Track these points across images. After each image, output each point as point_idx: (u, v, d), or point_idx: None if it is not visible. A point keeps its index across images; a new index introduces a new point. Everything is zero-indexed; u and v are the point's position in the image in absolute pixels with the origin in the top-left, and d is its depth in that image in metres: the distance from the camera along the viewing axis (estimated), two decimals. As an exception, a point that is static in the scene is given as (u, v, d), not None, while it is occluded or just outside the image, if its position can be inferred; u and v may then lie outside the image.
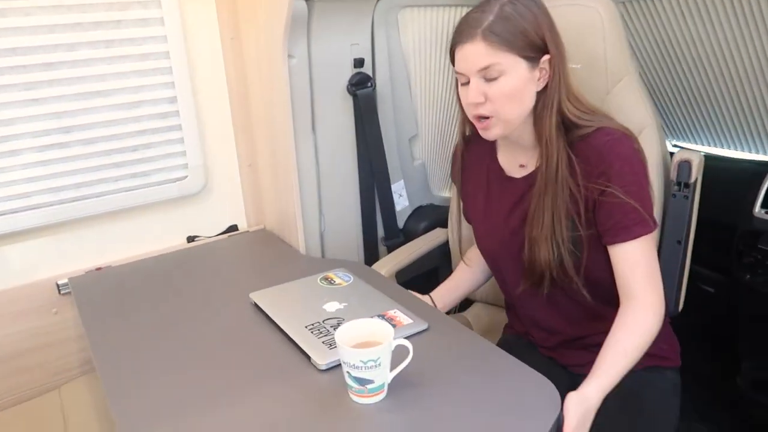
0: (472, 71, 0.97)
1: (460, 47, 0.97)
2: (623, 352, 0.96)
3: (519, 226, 1.10)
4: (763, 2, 1.30)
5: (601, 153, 0.98)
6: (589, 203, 1.01)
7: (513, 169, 1.12)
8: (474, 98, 0.97)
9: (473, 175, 1.20)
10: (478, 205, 1.19)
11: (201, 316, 1.19)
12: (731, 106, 1.61)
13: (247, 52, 1.48)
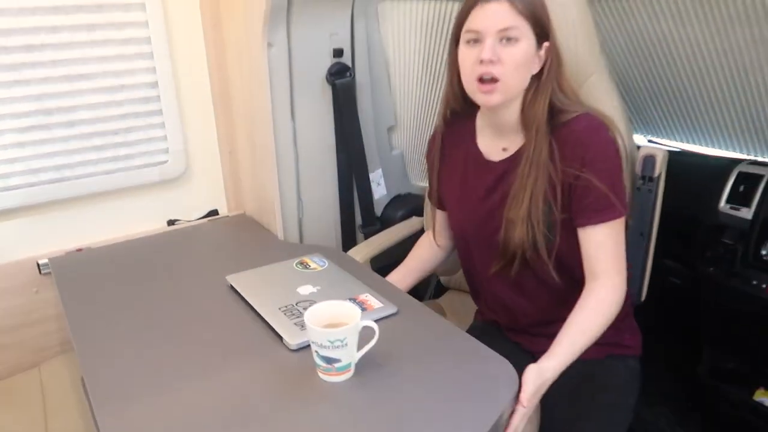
0: (491, 30, 0.97)
1: (484, 4, 0.97)
2: (582, 331, 1.01)
3: (495, 208, 1.12)
4: (730, 2, 1.34)
5: (580, 138, 1.02)
6: (564, 187, 1.04)
7: (492, 153, 1.15)
8: (489, 54, 0.97)
9: (451, 158, 1.22)
10: (454, 188, 1.21)
11: (178, 298, 1.22)
12: (701, 104, 1.66)
13: (228, 40, 1.50)
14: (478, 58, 0.99)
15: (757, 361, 1.60)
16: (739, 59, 1.46)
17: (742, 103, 1.56)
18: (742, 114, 1.59)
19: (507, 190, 1.09)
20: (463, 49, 1.02)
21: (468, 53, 1.01)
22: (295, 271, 1.28)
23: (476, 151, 1.17)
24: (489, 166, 1.14)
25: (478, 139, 1.18)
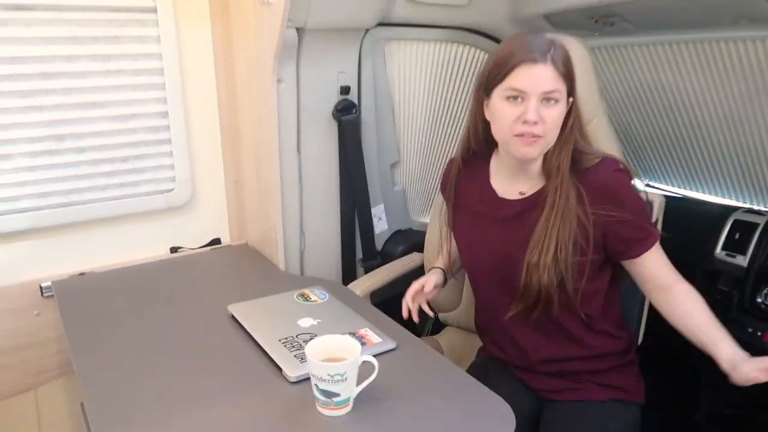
0: (537, 91, 1.01)
1: (531, 65, 1.00)
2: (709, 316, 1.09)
3: (511, 250, 1.13)
4: (726, 54, 1.39)
5: (608, 182, 1.08)
6: (597, 228, 1.08)
7: (507, 194, 1.18)
8: (534, 116, 1.01)
9: (466, 192, 1.25)
10: (467, 224, 1.24)
11: (180, 325, 1.23)
12: (698, 151, 1.70)
13: (238, 73, 1.54)
14: (521, 116, 1.02)
15: (753, 408, 1.60)
16: (735, 110, 1.50)
17: (738, 152, 1.60)
18: (738, 163, 1.63)
19: (525, 233, 1.11)
20: (502, 103, 1.05)
21: (509, 110, 1.04)
22: (295, 302, 1.29)
23: (490, 189, 1.20)
24: (503, 204, 1.17)
25: (492, 179, 1.21)
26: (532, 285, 1.08)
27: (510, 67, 1.01)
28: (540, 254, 1.07)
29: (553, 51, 1.01)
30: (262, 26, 1.33)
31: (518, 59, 1.00)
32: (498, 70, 1.04)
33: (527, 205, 1.14)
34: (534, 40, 1.02)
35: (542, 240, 1.07)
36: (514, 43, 1.03)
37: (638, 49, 1.55)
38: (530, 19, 1.60)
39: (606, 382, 1.16)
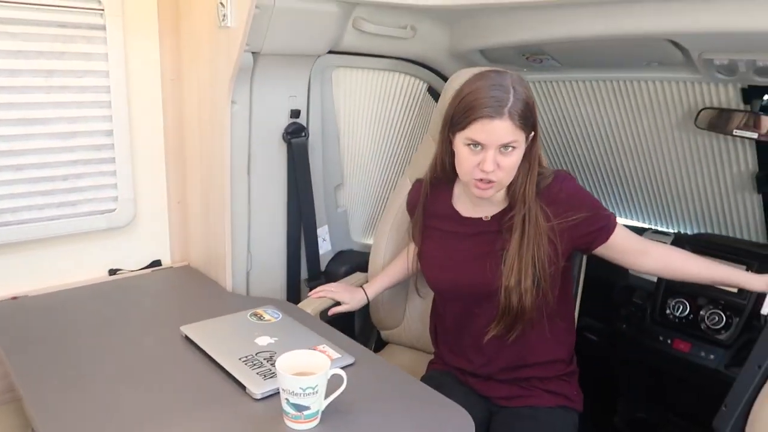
0: (494, 144, 1.10)
1: (488, 121, 1.08)
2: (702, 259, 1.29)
3: (478, 265, 1.22)
4: (639, 92, 1.57)
5: (565, 194, 1.21)
6: (563, 236, 1.20)
7: (471, 215, 1.28)
8: (490, 167, 1.10)
9: (430, 212, 1.33)
10: (432, 241, 1.32)
11: (129, 347, 1.20)
12: (612, 178, 1.88)
13: (187, 94, 1.54)
14: (479, 164, 1.11)
15: (665, 411, 1.77)
16: (645, 142, 1.69)
17: (647, 180, 1.79)
18: (647, 189, 1.82)
19: (492, 251, 1.21)
20: (463, 149, 1.14)
21: (469, 156, 1.13)
22: (249, 322, 1.29)
23: (454, 211, 1.29)
24: (467, 222, 1.27)
25: (455, 202, 1.30)
26: (512, 306, 1.17)
27: (469, 120, 1.09)
28: (518, 277, 1.16)
29: (510, 104, 1.08)
30: (218, 49, 1.35)
31: (477, 114, 1.08)
32: (459, 119, 1.12)
33: (492, 225, 1.24)
34: (492, 90, 1.09)
35: (516, 263, 1.16)
36: (475, 93, 1.10)
37: (563, 84, 1.71)
38: (467, 54, 1.72)
39: (553, 389, 1.27)
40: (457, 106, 1.13)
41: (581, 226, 1.21)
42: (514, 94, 1.10)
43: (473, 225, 1.26)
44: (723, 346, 1.50)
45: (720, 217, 1.71)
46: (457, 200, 1.30)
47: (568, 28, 1.40)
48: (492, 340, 1.25)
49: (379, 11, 1.55)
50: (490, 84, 1.11)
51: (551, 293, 1.21)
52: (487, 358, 1.29)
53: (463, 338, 1.31)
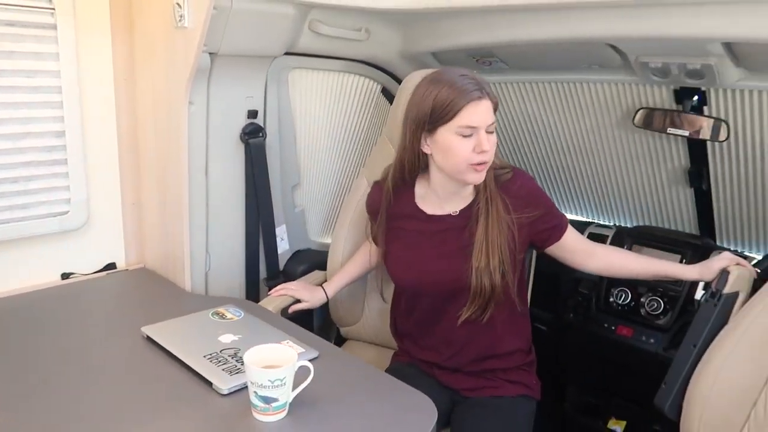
0: (485, 124, 1.17)
1: (476, 102, 1.15)
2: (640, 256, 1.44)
3: (448, 259, 1.28)
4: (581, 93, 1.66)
5: (524, 190, 1.30)
6: (522, 230, 1.28)
7: (436, 213, 1.33)
8: (488, 146, 1.17)
9: (394, 213, 1.37)
10: (398, 241, 1.36)
11: (90, 351, 1.19)
12: (558, 175, 1.97)
13: (142, 94, 1.53)
14: (475, 148, 1.17)
15: (611, 394, 1.87)
16: (587, 140, 1.78)
17: (590, 177, 1.89)
18: (589, 185, 1.92)
19: (461, 243, 1.27)
20: (454, 139, 1.18)
21: (463, 144, 1.18)
22: (212, 321, 1.30)
23: (418, 210, 1.34)
24: (433, 220, 1.32)
25: (419, 203, 1.35)
26: (483, 287, 1.23)
27: (459, 108, 1.15)
28: (487, 258, 1.22)
29: (485, 86, 1.17)
30: (175, 49, 1.35)
31: (465, 100, 1.15)
32: (445, 112, 1.16)
33: (459, 220, 1.30)
34: (464, 79, 1.17)
35: (485, 245, 1.23)
36: (450, 86, 1.16)
37: (511, 85, 1.78)
38: (419, 56, 1.77)
39: (514, 378, 1.35)
40: (434, 103, 1.17)
41: (538, 223, 1.30)
42: (483, 81, 1.19)
43: (439, 222, 1.31)
44: (662, 330, 1.60)
45: (657, 210, 1.82)
46: (420, 200, 1.35)
47: (514, 31, 1.48)
48: (461, 332, 1.30)
49: (335, 14, 1.59)
50: (457, 75, 1.18)
51: (513, 277, 1.28)
52: (456, 350, 1.34)
53: (432, 333, 1.36)
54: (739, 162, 1.52)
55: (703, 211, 1.72)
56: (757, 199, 1.57)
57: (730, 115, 1.44)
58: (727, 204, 1.65)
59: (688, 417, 1.14)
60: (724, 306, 1.20)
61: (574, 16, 1.35)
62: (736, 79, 1.35)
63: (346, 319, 1.70)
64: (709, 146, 1.54)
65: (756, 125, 1.42)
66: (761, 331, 1.08)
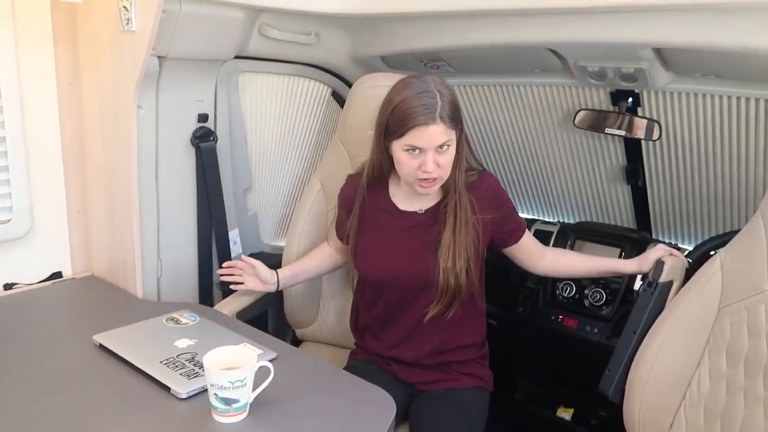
0: (432, 146, 1.19)
1: (423, 128, 1.17)
2: (588, 257, 1.54)
3: (416, 255, 1.32)
4: (524, 95, 1.73)
5: (491, 192, 1.36)
6: (486, 229, 1.34)
7: (407, 208, 1.37)
8: (431, 168, 1.20)
9: (368, 207, 1.39)
10: (370, 235, 1.38)
11: (39, 361, 1.16)
12: (505, 175, 2.04)
13: (87, 99, 1.49)
14: (420, 167, 1.20)
15: (558, 383, 1.95)
16: (531, 141, 1.86)
17: (535, 175, 1.96)
18: (535, 184, 2.00)
19: (429, 240, 1.31)
20: (403, 154, 1.22)
21: (408, 161, 1.22)
22: (166, 326, 1.29)
23: (391, 204, 1.38)
24: (404, 215, 1.36)
25: (392, 197, 1.38)
26: (449, 286, 1.27)
27: (406, 129, 1.18)
28: (454, 259, 1.27)
29: (440, 108, 1.18)
30: (122, 53, 1.34)
31: (412, 123, 1.17)
32: (395, 128, 1.20)
33: (427, 217, 1.34)
34: (422, 98, 1.18)
35: (452, 246, 1.27)
36: (406, 102, 1.18)
37: (457, 88, 1.83)
38: (369, 60, 1.80)
39: (469, 371, 1.40)
40: (390, 115, 1.21)
41: (500, 224, 1.37)
42: (441, 98, 1.19)
43: (410, 218, 1.36)
44: (605, 320, 1.69)
45: (597, 207, 1.91)
46: (393, 195, 1.39)
47: (461, 36, 1.53)
48: (423, 326, 1.34)
49: (284, 18, 1.60)
50: (417, 92, 1.19)
51: (476, 276, 1.34)
52: (416, 344, 1.38)
53: (394, 327, 1.39)
54: (672, 159, 1.62)
55: (639, 206, 1.82)
56: (689, 194, 1.68)
57: (662, 116, 1.54)
58: (661, 199, 1.75)
59: (630, 399, 1.21)
60: (660, 294, 1.28)
61: (516, 22, 1.41)
62: (666, 82, 1.44)
63: (302, 320, 1.72)
64: (643, 145, 1.64)
65: (686, 125, 1.52)
66: (693, 317, 1.16)
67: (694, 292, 1.17)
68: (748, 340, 1.09)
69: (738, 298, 1.11)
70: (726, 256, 1.15)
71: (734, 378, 1.10)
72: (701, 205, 1.69)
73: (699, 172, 1.61)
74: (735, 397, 1.09)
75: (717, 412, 1.11)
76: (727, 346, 1.11)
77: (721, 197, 1.63)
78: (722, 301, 1.13)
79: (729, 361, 1.11)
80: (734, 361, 1.10)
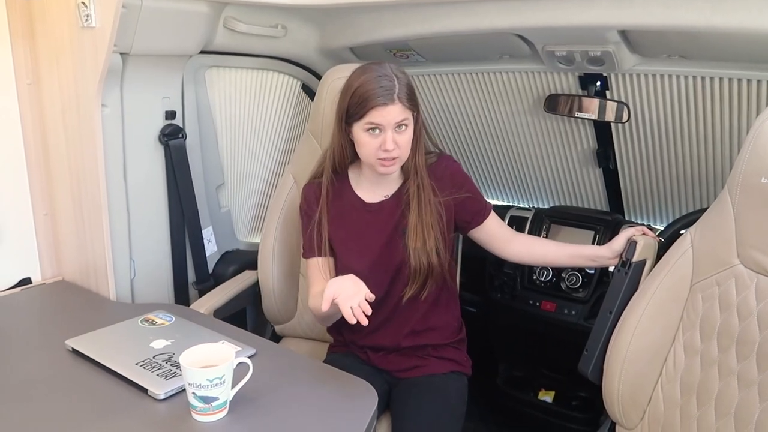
0: (391, 125, 1.23)
1: (382, 107, 1.21)
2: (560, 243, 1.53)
3: (389, 242, 1.33)
4: (494, 82, 1.73)
5: (449, 172, 1.38)
6: (449, 211, 1.36)
7: (372, 199, 1.38)
8: (391, 146, 1.24)
9: (334, 206, 1.38)
10: (342, 233, 1.38)
11: (10, 368, 1.14)
12: (478, 162, 2.05)
13: (48, 99, 1.45)
14: (381, 146, 1.23)
15: (538, 366, 1.97)
16: (502, 127, 1.86)
17: (507, 162, 1.97)
18: (507, 170, 2.01)
19: (398, 225, 1.33)
20: (364, 135, 1.25)
21: (370, 140, 1.25)
22: (141, 328, 1.27)
23: (356, 198, 1.38)
24: (370, 207, 1.37)
25: (357, 189, 1.39)
26: (421, 266, 1.30)
27: (366, 110, 1.22)
28: (423, 239, 1.29)
29: (398, 89, 1.22)
30: (82, 51, 1.30)
31: (372, 104, 1.21)
32: (355, 110, 1.24)
33: (392, 203, 1.36)
34: (380, 81, 1.22)
35: (419, 227, 1.30)
36: (365, 85, 1.22)
37: (427, 77, 1.83)
38: (338, 51, 1.79)
39: (445, 356, 1.40)
40: (351, 99, 1.25)
41: (463, 204, 1.38)
42: (398, 81, 1.23)
43: (377, 210, 1.37)
44: (582, 303, 1.71)
45: (570, 191, 1.93)
46: (357, 186, 1.40)
47: (428, 25, 1.52)
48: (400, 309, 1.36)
49: (250, 11, 1.57)
50: (376, 76, 1.23)
51: (446, 256, 1.35)
52: (395, 327, 1.38)
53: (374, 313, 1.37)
54: (641, 141, 1.65)
55: (611, 188, 1.84)
56: (659, 175, 1.71)
57: (630, 98, 1.56)
58: (632, 181, 1.77)
59: (609, 378, 1.22)
60: (634, 273, 1.30)
61: (482, 8, 1.41)
62: (632, 64, 1.45)
63: (281, 316, 1.70)
64: (613, 128, 1.66)
65: (653, 106, 1.54)
66: (667, 294, 1.18)
67: (667, 270, 1.19)
68: (720, 314, 1.11)
69: (709, 273, 1.13)
70: (696, 233, 1.17)
71: (708, 352, 1.12)
72: (671, 185, 1.72)
73: (668, 153, 1.63)
74: (709, 370, 1.11)
75: (693, 386, 1.13)
76: (700, 321, 1.13)
77: (690, 176, 1.66)
78: (694, 278, 1.15)
79: (703, 335, 1.13)
80: (707, 335, 1.12)
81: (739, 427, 1.05)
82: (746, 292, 1.08)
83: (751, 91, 1.38)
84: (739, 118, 1.45)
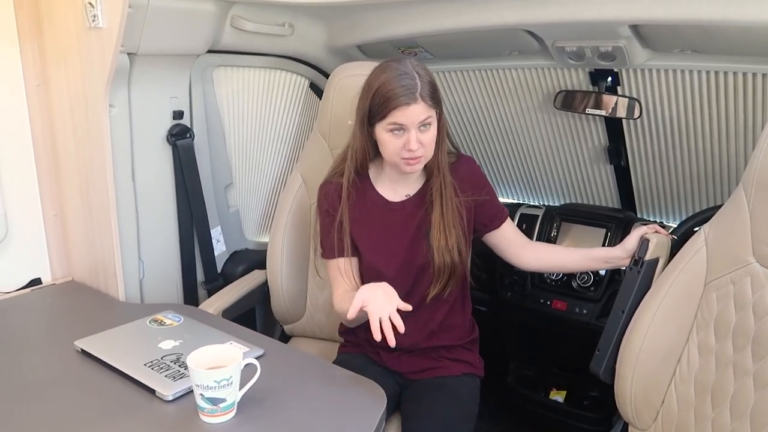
0: (414, 124, 1.21)
1: (405, 107, 1.19)
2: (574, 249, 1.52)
3: (413, 241, 1.33)
4: (504, 78, 1.71)
5: (470, 173, 1.38)
6: (469, 212, 1.35)
7: (394, 198, 1.37)
8: (415, 146, 1.22)
9: (357, 207, 1.36)
10: (365, 232, 1.36)
11: (20, 368, 1.14)
12: (487, 160, 2.03)
13: (57, 100, 1.46)
14: (405, 145, 1.22)
15: (549, 365, 1.95)
16: (512, 125, 1.85)
17: (517, 159, 1.96)
18: (517, 168, 1.99)
19: (421, 225, 1.32)
20: (387, 135, 1.23)
21: (394, 141, 1.23)
22: (150, 328, 1.27)
23: (378, 196, 1.37)
24: (392, 206, 1.36)
25: (378, 188, 1.38)
26: (444, 264, 1.29)
27: (389, 110, 1.20)
28: (446, 238, 1.29)
29: (420, 88, 1.19)
30: (90, 51, 1.30)
31: (395, 104, 1.19)
32: (378, 110, 1.22)
33: (414, 202, 1.35)
34: (402, 80, 1.19)
35: (443, 226, 1.29)
36: (386, 85, 1.20)
37: (436, 75, 1.79)
38: (345, 49, 1.78)
39: (458, 357, 1.39)
40: (372, 99, 1.23)
41: (483, 207, 1.37)
42: (420, 79, 1.21)
43: (400, 209, 1.36)
44: (593, 301, 1.69)
45: (581, 188, 1.91)
46: (378, 185, 1.38)
47: (436, 22, 1.51)
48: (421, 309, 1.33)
49: (257, 9, 1.57)
50: (397, 74, 1.21)
51: (467, 255, 1.36)
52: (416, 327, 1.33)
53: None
54: (653, 137, 1.62)
55: (623, 185, 1.82)
56: (672, 171, 1.68)
57: (642, 94, 1.53)
58: (644, 178, 1.75)
59: (621, 378, 1.20)
60: (647, 272, 1.28)
61: (491, 4, 1.39)
62: (644, 60, 1.43)
63: (290, 316, 1.70)
64: (624, 124, 1.63)
65: (665, 102, 1.52)
66: (680, 293, 1.16)
67: (680, 269, 1.17)
68: (735, 313, 1.08)
69: (723, 272, 1.11)
70: (710, 230, 1.15)
71: (723, 352, 1.10)
72: (684, 182, 1.69)
73: (681, 149, 1.61)
74: (724, 370, 1.09)
75: (707, 386, 1.10)
76: (714, 320, 1.11)
77: (703, 173, 1.63)
78: (708, 276, 1.13)
79: (717, 335, 1.11)
80: (722, 334, 1.10)
81: (755, 428, 1.03)
82: (762, 290, 1.05)
83: (766, 86, 1.36)
84: (754, 113, 1.42)
